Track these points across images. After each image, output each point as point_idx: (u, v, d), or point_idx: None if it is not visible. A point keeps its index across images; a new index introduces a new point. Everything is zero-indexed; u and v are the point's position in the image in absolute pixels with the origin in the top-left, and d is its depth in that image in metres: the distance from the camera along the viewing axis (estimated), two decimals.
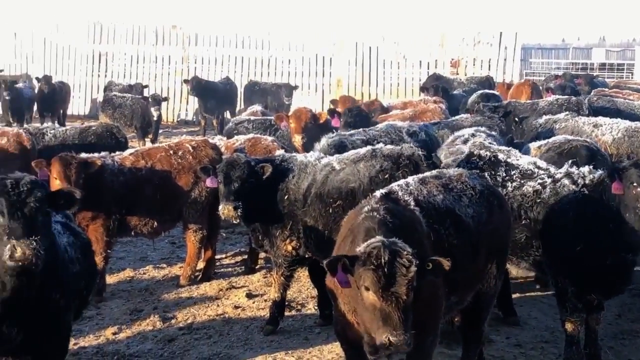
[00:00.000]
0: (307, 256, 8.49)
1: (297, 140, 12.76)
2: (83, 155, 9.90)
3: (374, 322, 4.99)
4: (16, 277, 5.17)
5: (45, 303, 5.47)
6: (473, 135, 10.02)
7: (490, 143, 9.19)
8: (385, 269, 4.91)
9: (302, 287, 10.02)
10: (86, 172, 9.42)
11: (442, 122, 13.47)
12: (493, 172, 8.07)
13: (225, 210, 8.22)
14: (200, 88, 24.21)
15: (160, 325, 8.88)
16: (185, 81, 25.21)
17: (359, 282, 5.07)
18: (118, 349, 8.18)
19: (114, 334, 8.60)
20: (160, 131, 22.09)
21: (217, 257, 11.25)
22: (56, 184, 9.17)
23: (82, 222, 9.42)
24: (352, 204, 7.04)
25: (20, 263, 4.98)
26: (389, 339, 4.86)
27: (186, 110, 29.49)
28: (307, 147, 11.71)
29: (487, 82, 23.66)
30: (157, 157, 10.29)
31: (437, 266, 5.13)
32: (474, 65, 28.51)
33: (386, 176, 8.02)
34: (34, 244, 4.97)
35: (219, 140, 12.09)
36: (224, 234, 12.39)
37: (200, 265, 10.71)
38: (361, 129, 11.39)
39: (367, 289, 5.00)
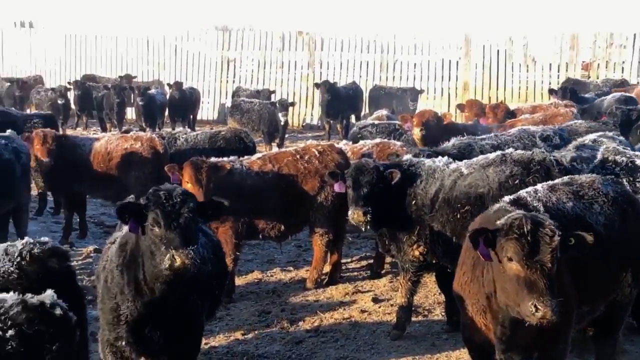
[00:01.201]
0: (434, 262, 8.42)
1: (416, 133, 12.77)
2: (213, 159, 10.12)
3: (519, 293, 4.96)
4: (167, 284, 5.35)
5: (184, 305, 5.64)
6: (595, 141, 9.69)
7: (624, 148, 8.89)
8: (529, 237, 4.92)
9: (429, 293, 9.94)
10: (216, 176, 9.63)
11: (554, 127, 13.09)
12: (632, 179, 7.80)
13: (354, 215, 8.23)
14: (332, 92, 24.28)
15: (287, 327, 8.98)
16: (316, 85, 25.38)
17: (501, 254, 5.07)
18: (247, 349, 8.32)
19: (243, 334, 8.75)
20: (286, 135, 22.35)
21: (343, 261, 11.30)
22: (188, 187, 9.41)
23: (211, 224, 9.64)
24: (481, 210, 6.94)
25: (179, 272, 5.14)
26: (535, 306, 4.83)
27: (311, 114, 29.75)
28: (429, 145, 11.62)
29: (622, 85, 22.88)
30: (284, 161, 10.42)
31: (580, 241, 5.04)
32: (606, 68, 27.59)
33: (516, 182, 7.85)
34: (192, 253, 5.12)
35: (344, 145, 12.15)
36: (350, 238, 12.43)
37: (327, 268, 10.77)
38: (492, 134, 11.21)
39: (510, 259, 4.99)
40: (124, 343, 5.76)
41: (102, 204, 15.36)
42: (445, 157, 8.66)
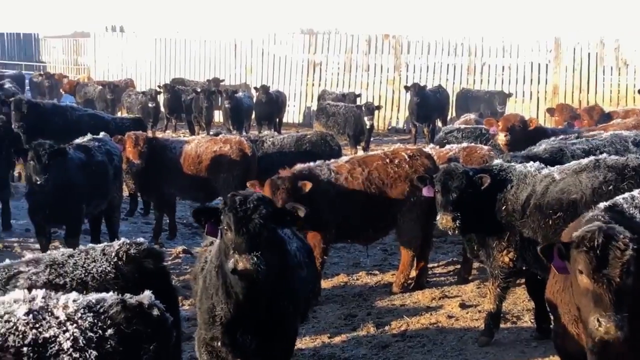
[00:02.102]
0: (524, 268, 8.29)
1: (501, 138, 12.60)
2: (298, 166, 10.12)
3: (587, 307, 4.92)
4: (246, 288, 5.40)
5: (276, 310, 5.69)
6: None
7: None
8: (598, 251, 4.84)
9: (518, 299, 9.78)
10: (296, 195, 9.32)
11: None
12: None
13: (443, 220, 8.16)
14: (421, 95, 24.13)
15: (374, 331, 8.98)
16: (406, 87, 25.25)
17: (574, 266, 5.01)
18: (333, 352, 8.35)
19: (330, 337, 8.78)
20: (371, 139, 22.30)
21: (430, 265, 11.22)
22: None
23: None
24: (573, 216, 6.81)
25: (243, 277, 5.20)
26: (598, 320, 4.77)
27: (397, 118, 29.63)
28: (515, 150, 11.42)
29: None
30: (373, 165, 10.39)
31: None
32: None
33: (610, 188, 7.65)
34: (255, 259, 5.13)
35: (431, 149, 12.07)
36: (436, 243, 12.34)
37: (413, 273, 10.72)
38: (584, 138, 10.97)
39: (581, 272, 4.93)
40: (219, 344, 5.84)
41: (191, 206, 15.59)
42: (537, 162, 8.50)
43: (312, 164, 10.33)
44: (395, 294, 10.33)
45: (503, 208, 8.16)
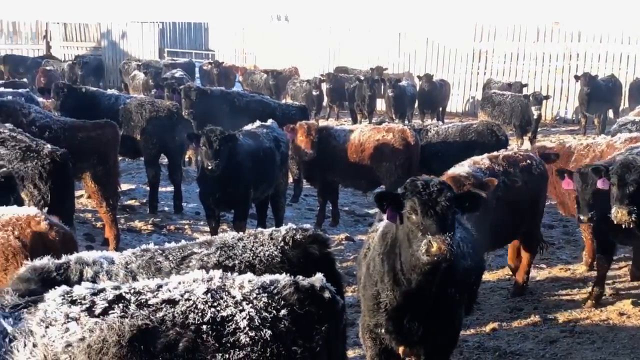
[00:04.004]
0: None
1: None
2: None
3: None
4: (423, 275, 5.37)
5: (443, 298, 5.64)
6: None
7: None
8: None
9: None
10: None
11: None
12: None
13: (618, 214, 7.85)
14: (592, 85, 23.29)
15: (540, 325, 8.75)
16: (576, 77, 24.39)
17: None
18: (499, 345, 8.19)
19: (494, 330, 8.63)
20: (538, 129, 21.67)
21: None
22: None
23: None
24: None
25: (435, 258, 5.14)
26: None
27: (565, 108, 28.62)
28: None
29: None
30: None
31: None
32: None
33: None
34: (448, 239, 5.11)
35: (602, 140, 11.56)
36: None
37: (581, 269, 10.36)
38: None
39: None
40: (383, 330, 5.85)
41: (353, 193, 15.73)
42: None
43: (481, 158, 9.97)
44: (563, 289, 10.01)
45: None
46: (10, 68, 32.28)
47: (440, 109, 26.36)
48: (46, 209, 6.72)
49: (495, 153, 9.38)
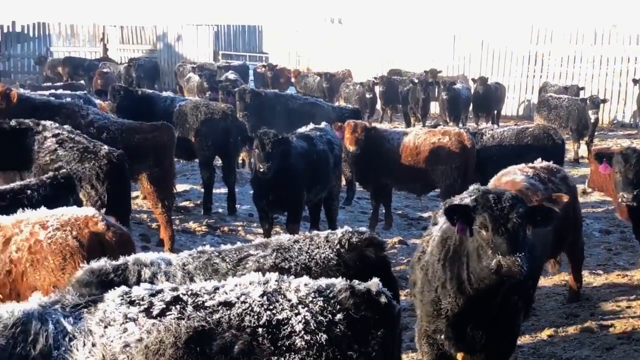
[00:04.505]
0: None
1: None
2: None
3: None
4: (491, 287, 5.34)
5: (506, 306, 5.59)
6: None
7: None
8: None
9: None
10: None
11: None
12: None
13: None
14: None
15: (597, 332, 8.61)
16: (634, 81, 23.96)
17: None
18: (554, 351, 8.08)
19: (550, 336, 8.51)
20: (595, 133, 21.33)
21: None
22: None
23: None
24: None
25: (505, 278, 5.11)
26: None
27: (623, 112, 28.10)
28: None
29: None
30: None
31: None
32: None
33: None
34: (519, 260, 5.05)
35: None
36: None
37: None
38: None
39: None
40: (442, 336, 5.81)
41: (406, 197, 15.66)
42: None
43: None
44: (620, 295, 9.83)
45: None
46: (70, 70, 32.81)
47: (495, 112, 26.14)
48: (104, 209, 6.79)
49: (530, 164, 9.14)
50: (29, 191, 7.84)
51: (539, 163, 9.16)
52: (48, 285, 5.98)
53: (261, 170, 10.60)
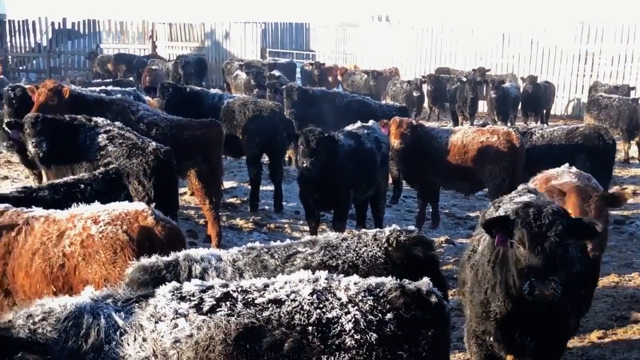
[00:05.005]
0: None
1: None
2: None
3: None
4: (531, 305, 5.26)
5: (556, 313, 5.53)
6: None
7: None
8: None
9: None
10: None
11: None
12: None
13: None
14: None
15: None
16: None
17: None
18: (603, 354, 8.00)
19: (599, 338, 8.41)
20: None
21: None
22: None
23: None
24: None
25: (537, 300, 5.06)
26: None
27: None
28: None
29: None
30: None
31: None
32: None
33: None
34: (552, 284, 4.98)
35: None
36: None
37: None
38: None
39: None
40: (491, 338, 5.76)
41: (454, 196, 15.57)
42: None
43: None
44: None
45: None
46: (121, 67, 33.17)
47: (544, 111, 25.86)
48: (154, 204, 6.85)
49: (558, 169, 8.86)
50: (82, 185, 8.02)
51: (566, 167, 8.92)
52: (99, 279, 6.06)
53: (305, 166, 10.62)
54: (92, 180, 8.11)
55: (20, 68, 39.82)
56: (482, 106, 26.20)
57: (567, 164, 8.81)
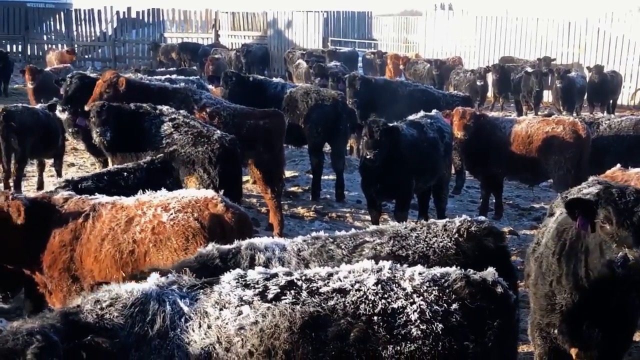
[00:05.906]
0: None
1: None
2: None
3: None
4: (611, 284, 5.17)
5: (624, 304, 5.45)
6: None
7: None
8: None
9: None
10: None
11: None
12: None
13: None
14: None
15: None
16: None
17: None
18: None
19: None
20: None
21: None
22: None
23: None
24: None
25: (632, 272, 4.95)
26: None
27: None
28: None
29: None
30: None
31: None
32: None
33: None
34: None
35: None
36: None
37: None
38: None
39: None
40: (556, 331, 5.68)
41: (517, 186, 15.38)
42: None
43: None
44: None
45: None
46: (184, 55, 33.50)
47: (611, 101, 25.36)
48: (222, 192, 6.90)
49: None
50: (125, 173, 8.13)
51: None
52: None
53: (367, 157, 10.59)
54: (136, 169, 8.21)
55: (86, 57, 40.49)
56: (547, 96, 25.83)
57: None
